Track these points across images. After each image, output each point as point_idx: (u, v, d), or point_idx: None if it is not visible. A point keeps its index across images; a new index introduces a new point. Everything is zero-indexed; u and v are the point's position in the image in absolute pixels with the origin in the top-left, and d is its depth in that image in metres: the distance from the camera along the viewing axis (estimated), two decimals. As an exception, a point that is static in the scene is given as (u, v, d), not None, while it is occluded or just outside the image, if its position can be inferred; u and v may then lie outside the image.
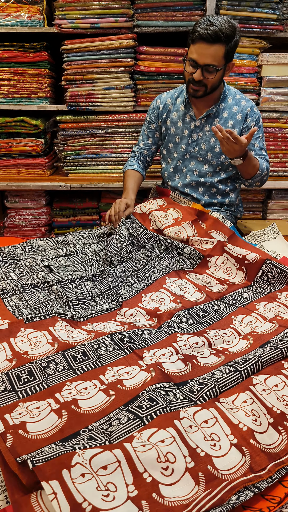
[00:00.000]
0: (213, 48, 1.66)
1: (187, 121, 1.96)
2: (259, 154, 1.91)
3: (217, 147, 1.92)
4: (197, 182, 1.99)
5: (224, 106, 1.90)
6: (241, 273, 1.56)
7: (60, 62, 2.33)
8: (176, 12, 2.22)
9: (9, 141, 2.44)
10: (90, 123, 2.40)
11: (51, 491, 0.67)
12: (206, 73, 1.72)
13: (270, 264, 1.50)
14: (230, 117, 1.90)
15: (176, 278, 1.51)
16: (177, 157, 2.01)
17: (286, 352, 1.05)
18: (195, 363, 1.07)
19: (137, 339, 1.15)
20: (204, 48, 1.67)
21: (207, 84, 1.76)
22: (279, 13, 2.23)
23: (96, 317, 1.32)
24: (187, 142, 1.97)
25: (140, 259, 1.65)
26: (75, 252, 1.78)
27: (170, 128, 2.00)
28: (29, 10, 2.24)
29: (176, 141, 2.00)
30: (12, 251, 1.74)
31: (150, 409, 0.86)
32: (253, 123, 1.90)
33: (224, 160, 1.94)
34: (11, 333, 1.16)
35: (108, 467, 0.73)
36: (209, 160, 1.95)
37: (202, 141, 1.95)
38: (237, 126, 1.90)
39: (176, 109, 1.98)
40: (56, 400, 0.92)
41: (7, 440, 0.81)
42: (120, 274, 1.57)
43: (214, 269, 1.60)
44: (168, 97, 2.01)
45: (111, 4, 2.20)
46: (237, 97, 1.92)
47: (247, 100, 1.93)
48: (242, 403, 0.91)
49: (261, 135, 1.93)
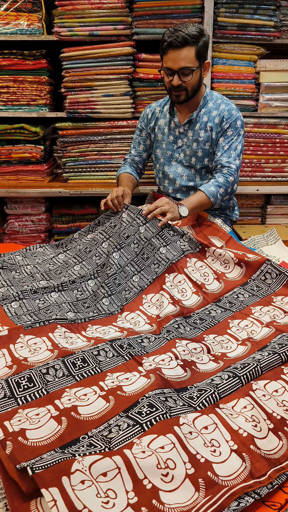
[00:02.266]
0: (183, 51, 1.72)
1: (172, 127, 1.99)
2: (224, 155, 1.87)
3: (200, 151, 1.95)
4: (187, 187, 2.01)
5: (205, 111, 1.92)
6: (238, 268, 1.56)
7: (59, 69, 2.35)
8: (174, 19, 2.23)
9: (8, 148, 2.45)
10: (89, 130, 2.42)
11: (51, 498, 0.67)
12: (183, 76, 1.76)
13: (269, 265, 1.50)
14: (209, 120, 1.91)
15: (176, 273, 1.50)
16: (163, 163, 2.05)
17: (284, 357, 1.05)
18: (194, 369, 1.07)
19: (136, 347, 1.15)
20: (175, 55, 1.73)
21: (187, 88, 1.80)
22: (277, 19, 2.25)
23: (97, 319, 1.33)
24: (173, 148, 2.01)
25: (139, 240, 1.60)
26: (72, 246, 1.78)
27: (158, 134, 2.04)
28: (28, 18, 2.26)
29: (163, 147, 2.03)
30: (12, 258, 1.74)
31: (150, 415, 0.86)
32: (228, 125, 1.88)
33: (208, 163, 1.96)
34: (11, 340, 1.16)
35: (108, 474, 0.72)
36: (194, 165, 1.98)
37: (185, 146, 1.97)
38: (214, 129, 1.90)
39: (163, 116, 2.03)
40: (56, 407, 0.92)
41: (7, 447, 0.80)
42: (118, 261, 1.55)
43: (212, 259, 1.59)
44: (157, 105, 2.07)
45: (110, 12, 2.22)
46: (218, 102, 1.93)
47: (226, 104, 1.92)
48: (242, 408, 0.91)
49: (235, 137, 1.89)
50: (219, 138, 1.90)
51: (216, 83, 2.35)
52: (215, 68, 2.32)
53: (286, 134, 2.45)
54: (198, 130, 1.93)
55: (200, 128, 1.92)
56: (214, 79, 2.34)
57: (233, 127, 1.89)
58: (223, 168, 1.87)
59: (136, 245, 1.59)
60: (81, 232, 1.83)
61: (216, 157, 1.91)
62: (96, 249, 1.66)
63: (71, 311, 1.38)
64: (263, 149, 2.47)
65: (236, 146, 1.89)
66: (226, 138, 1.89)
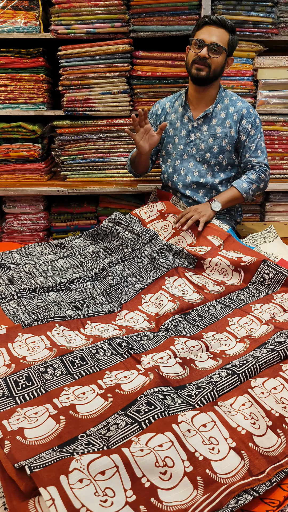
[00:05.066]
0: (219, 30, 1.81)
1: (185, 122, 2.00)
2: (253, 156, 1.96)
3: (216, 147, 1.96)
4: (197, 183, 2.01)
5: (222, 107, 1.96)
6: (237, 274, 1.56)
7: (57, 67, 2.34)
8: (172, 16, 2.23)
9: (6, 146, 2.44)
10: (87, 128, 2.41)
11: (49, 497, 0.67)
12: (212, 52, 1.81)
13: (266, 266, 1.50)
14: (228, 117, 1.95)
15: (176, 276, 1.51)
16: (175, 158, 2.04)
17: (283, 355, 1.05)
18: (193, 367, 1.06)
19: (135, 345, 1.15)
20: (211, 30, 1.81)
21: (211, 65, 1.82)
22: (274, 16, 2.24)
23: (96, 317, 1.33)
24: (185, 142, 2.00)
25: (143, 257, 1.64)
26: (73, 254, 1.78)
27: (169, 129, 2.04)
28: (25, 16, 2.25)
29: (175, 141, 2.03)
30: (11, 257, 1.74)
31: (148, 414, 0.86)
32: (249, 125, 1.94)
33: (222, 160, 1.98)
34: (9, 338, 1.16)
35: (106, 472, 0.72)
36: (208, 160, 1.98)
37: (200, 141, 1.98)
38: (233, 127, 1.95)
39: (174, 111, 2.03)
40: (54, 406, 0.92)
41: (5, 446, 0.80)
42: (121, 273, 1.57)
43: (210, 270, 1.60)
44: (167, 101, 2.09)
45: (107, 10, 2.21)
46: (233, 99, 1.98)
47: (243, 102, 1.98)
48: (241, 406, 0.91)
49: (258, 135, 1.97)
50: (244, 140, 1.95)
51: (214, 80, 2.34)
52: (231, 66, 2.31)
53: (285, 131, 2.45)
54: (215, 126, 1.95)
55: (217, 124, 1.95)
56: (212, 76, 2.34)
57: (254, 126, 1.96)
58: (254, 166, 1.95)
59: (140, 259, 1.63)
60: (82, 239, 1.85)
61: (244, 158, 1.99)
62: (98, 263, 1.68)
63: (70, 310, 1.38)
64: (262, 146, 2.47)
65: (261, 144, 1.98)
66: (251, 138, 1.95)
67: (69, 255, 1.77)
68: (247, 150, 1.97)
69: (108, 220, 1.86)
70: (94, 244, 1.82)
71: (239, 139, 1.96)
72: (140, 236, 1.71)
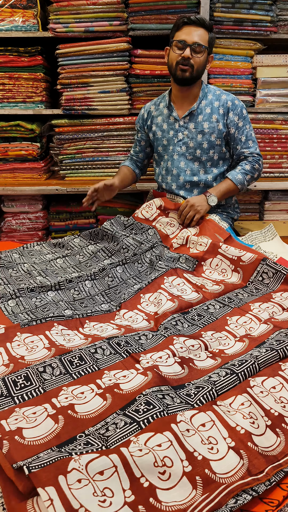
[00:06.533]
0: (199, 30, 1.82)
1: (171, 122, 2.02)
2: (244, 147, 1.98)
3: (205, 143, 1.97)
4: (191, 182, 2.01)
5: (206, 102, 1.97)
6: (236, 274, 1.56)
7: (55, 66, 2.33)
8: (170, 15, 2.22)
9: (5, 145, 2.44)
10: (86, 127, 2.40)
11: (47, 498, 0.67)
12: (194, 53, 1.82)
13: (265, 265, 1.50)
14: (213, 112, 1.95)
15: (174, 276, 1.51)
16: (167, 159, 2.06)
17: (282, 354, 1.05)
18: (192, 366, 1.06)
19: (133, 344, 1.15)
20: (191, 30, 1.82)
21: (194, 65, 1.84)
22: (273, 14, 2.23)
23: (95, 316, 1.32)
24: (174, 142, 2.02)
25: (143, 263, 1.65)
26: (72, 253, 1.77)
27: (157, 132, 2.06)
28: (23, 14, 2.25)
29: (164, 143, 2.05)
30: (9, 256, 1.73)
31: (147, 413, 0.86)
32: (236, 117, 1.95)
33: (213, 155, 1.99)
34: (8, 338, 1.15)
35: (105, 472, 0.72)
36: (199, 157, 1.99)
37: (188, 139, 1.98)
38: (221, 121, 1.95)
39: (159, 113, 2.06)
40: (53, 405, 0.92)
41: (3, 446, 0.80)
42: (120, 275, 1.57)
43: (209, 271, 1.60)
44: (152, 104, 2.12)
45: (105, 8, 2.20)
46: (217, 93, 1.99)
47: (227, 95, 1.99)
48: (240, 405, 0.90)
49: (247, 126, 1.99)
50: (234, 132, 1.96)
51: (212, 78, 2.34)
52: (211, 63, 2.31)
53: (284, 129, 2.44)
54: (201, 122, 1.96)
55: (204, 120, 1.96)
56: (211, 74, 2.33)
57: (241, 117, 1.97)
58: (247, 157, 1.99)
59: (141, 265, 1.65)
60: (81, 239, 1.84)
61: (236, 150, 2.01)
62: (97, 264, 1.67)
63: (69, 309, 1.38)
64: (261, 145, 2.46)
65: (251, 134, 2.00)
66: (240, 130, 1.97)
67: (68, 255, 1.77)
68: (238, 142, 1.98)
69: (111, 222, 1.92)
70: (93, 244, 1.82)
71: (228, 132, 1.97)
72: (142, 243, 1.74)
